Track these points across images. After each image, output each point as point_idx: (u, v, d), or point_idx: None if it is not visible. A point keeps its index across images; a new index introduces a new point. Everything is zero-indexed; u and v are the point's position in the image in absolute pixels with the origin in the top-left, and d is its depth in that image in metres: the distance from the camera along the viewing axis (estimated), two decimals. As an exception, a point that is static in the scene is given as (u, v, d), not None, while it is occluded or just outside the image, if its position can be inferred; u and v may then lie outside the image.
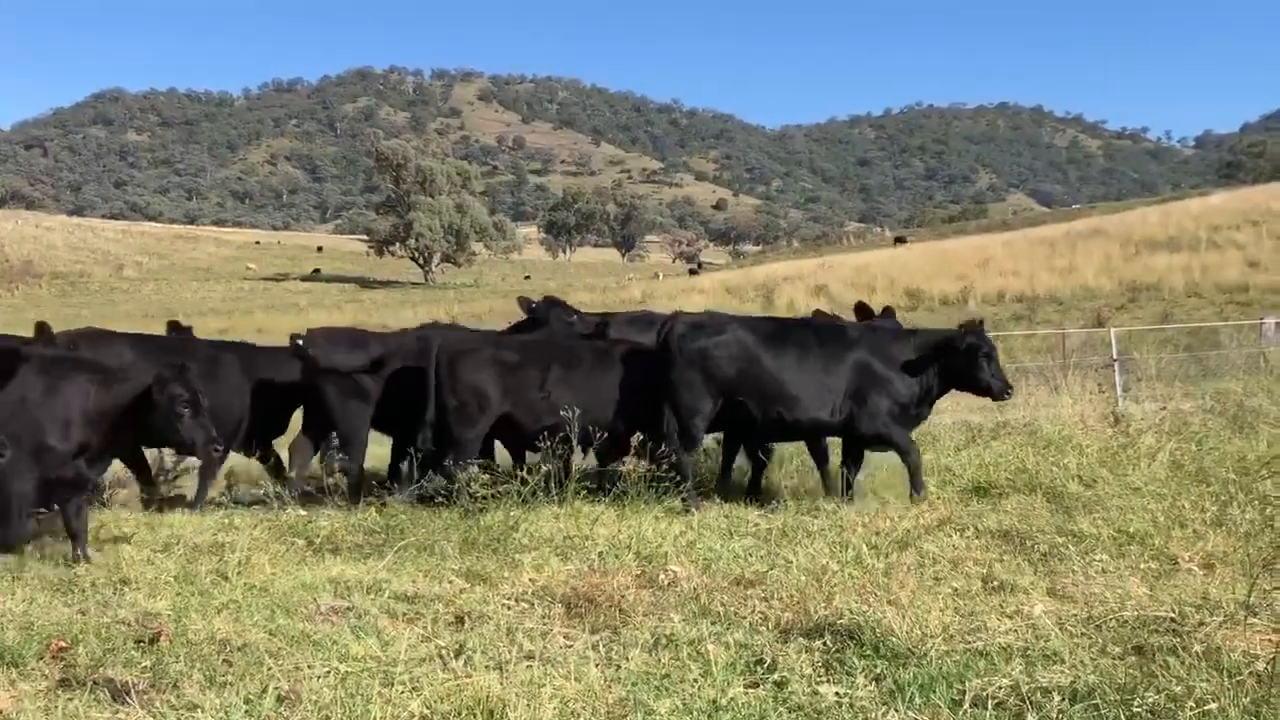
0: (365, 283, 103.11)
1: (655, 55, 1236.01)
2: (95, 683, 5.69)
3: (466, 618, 6.93)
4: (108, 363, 9.78)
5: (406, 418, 11.39)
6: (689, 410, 10.87)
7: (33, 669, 6.08)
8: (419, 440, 10.98)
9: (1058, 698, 5.05)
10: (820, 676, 5.66)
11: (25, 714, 5.21)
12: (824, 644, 6.11)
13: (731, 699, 5.18)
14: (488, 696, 5.06)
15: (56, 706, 5.40)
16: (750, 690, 5.42)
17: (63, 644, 6.36)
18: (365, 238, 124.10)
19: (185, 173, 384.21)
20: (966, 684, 5.31)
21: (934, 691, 5.30)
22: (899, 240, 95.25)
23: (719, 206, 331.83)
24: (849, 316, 12.37)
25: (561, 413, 10.46)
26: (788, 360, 10.90)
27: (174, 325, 12.95)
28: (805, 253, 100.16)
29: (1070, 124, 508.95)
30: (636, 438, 11.25)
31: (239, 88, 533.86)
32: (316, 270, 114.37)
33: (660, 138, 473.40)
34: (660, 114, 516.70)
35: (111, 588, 7.88)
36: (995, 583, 7.49)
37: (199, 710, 5.20)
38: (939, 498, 10.50)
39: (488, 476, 9.92)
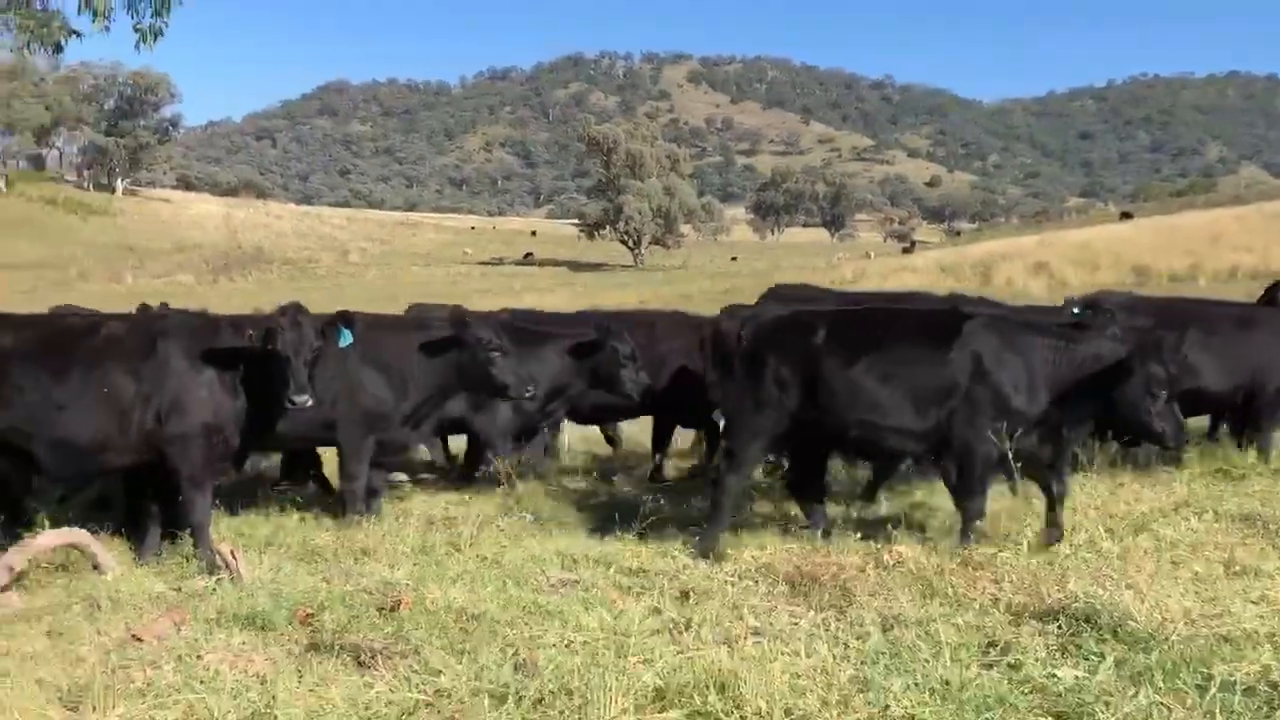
0: (576, 266, 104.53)
1: (867, 32, 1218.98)
2: (341, 648, 5.92)
3: (692, 593, 6.99)
4: None
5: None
6: None
7: (282, 634, 6.38)
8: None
9: (1311, 686, 4.82)
10: (1056, 659, 5.53)
11: (280, 676, 5.46)
12: (1058, 627, 5.98)
13: (966, 679, 5.10)
14: (719, 670, 5.09)
15: (307, 669, 5.64)
16: (984, 671, 5.33)
17: (309, 610, 6.66)
18: (576, 222, 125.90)
19: (405, 161, 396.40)
20: (1212, 669, 5.12)
21: (1178, 676, 5.12)
22: (1124, 215, 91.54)
23: (933, 184, 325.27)
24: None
25: None
26: None
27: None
28: (1024, 230, 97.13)
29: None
30: None
31: (456, 77, 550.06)
32: (529, 254, 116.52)
33: (872, 115, 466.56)
34: (872, 90, 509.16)
35: (352, 557, 8.23)
36: (1238, 567, 7.20)
37: (440, 676, 5.37)
38: (1176, 480, 10.10)
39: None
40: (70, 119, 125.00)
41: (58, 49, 14.13)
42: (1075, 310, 11.03)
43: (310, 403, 8.43)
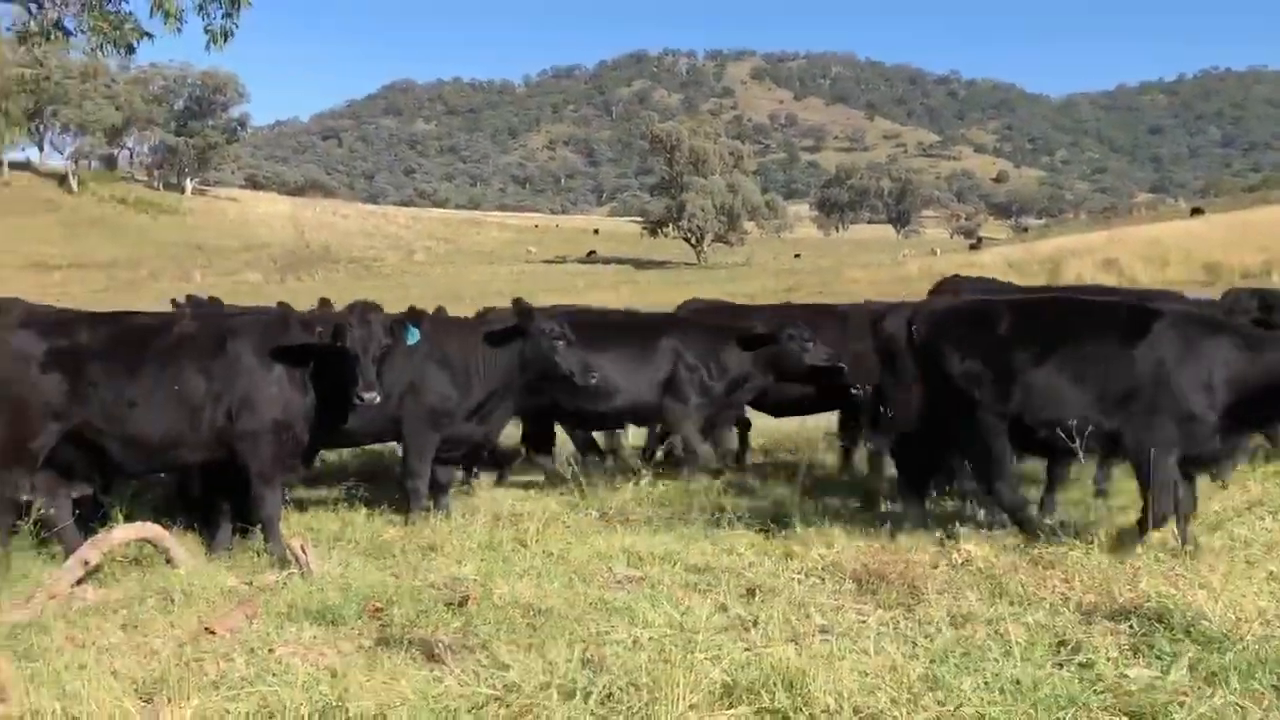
0: (639, 263, 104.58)
1: (932, 26, 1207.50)
2: (410, 642, 5.97)
3: (758, 590, 6.97)
4: None
5: None
6: None
7: (352, 628, 6.45)
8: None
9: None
10: (1128, 659, 5.46)
11: (350, 670, 5.51)
12: (1130, 627, 5.90)
13: (1038, 678, 5.04)
14: (787, 667, 5.08)
15: (377, 663, 5.69)
16: (1055, 671, 5.27)
17: (379, 605, 6.72)
18: (639, 219, 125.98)
19: (470, 159, 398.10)
20: (1290, 670, 5.04)
21: (1253, 677, 5.04)
22: (1195, 211, 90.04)
23: (999, 179, 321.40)
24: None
25: None
26: None
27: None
28: (1093, 225, 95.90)
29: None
30: None
31: (520, 75, 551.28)
32: (593, 252, 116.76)
33: (937, 110, 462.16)
34: (937, 86, 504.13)
35: (420, 553, 8.30)
36: (1314, 568, 7.06)
37: (509, 670, 5.40)
38: (1249, 479, 9.93)
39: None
40: (141, 119, 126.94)
41: (130, 50, 14.40)
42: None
43: (378, 399, 8.52)
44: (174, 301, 12.21)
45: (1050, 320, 8.49)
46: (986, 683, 5.10)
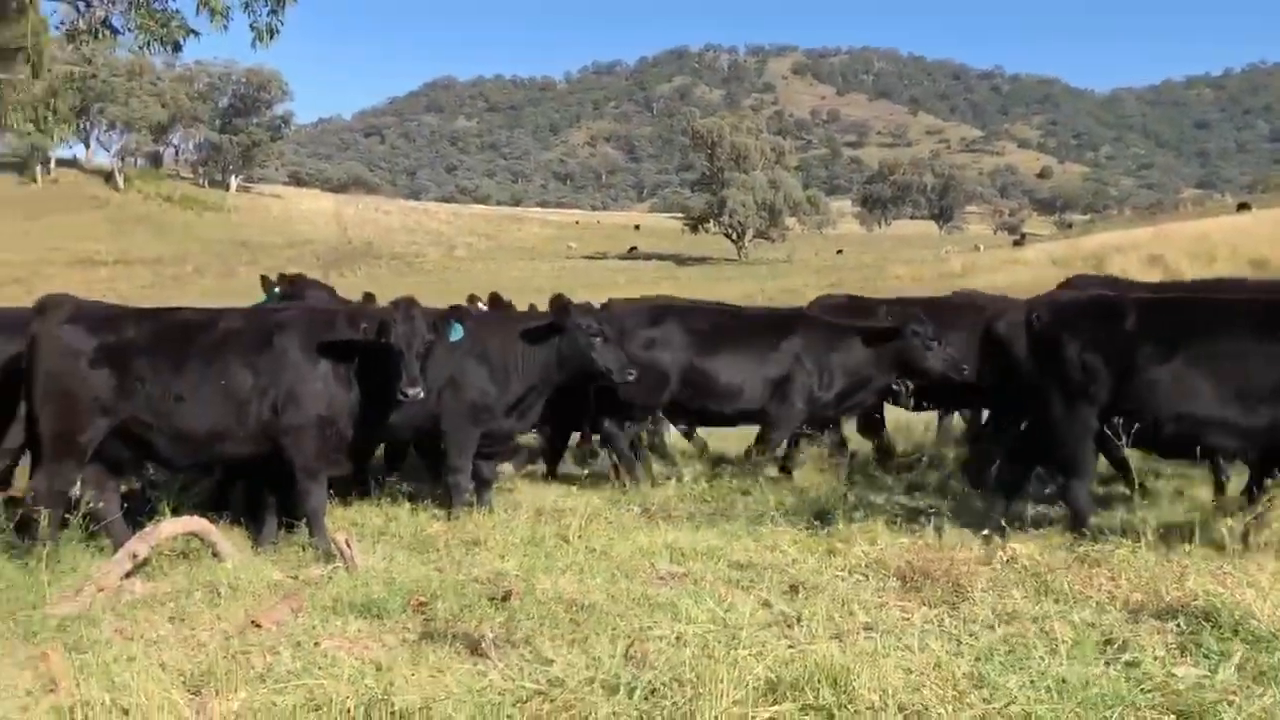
0: (680, 260, 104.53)
1: (976, 21, 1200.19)
2: (454, 636, 5.99)
3: (801, 587, 6.96)
4: None
5: None
6: None
7: (397, 621, 6.48)
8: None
9: None
10: (1175, 658, 5.41)
11: (396, 663, 5.54)
12: (1178, 625, 5.85)
13: (1085, 677, 5.00)
14: (831, 664, 5.06)
15: (421, 657, 5.71)
16: (1102, 669, 5.22)
17: (422, 599, 6.76)
18: (680, 215, 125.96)
19: (510, 156, 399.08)
20: (1343, 671, 4.98)
21: (1303, 676, 4.98)
22: (1242, 206, 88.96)
23: (1043, 175, 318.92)
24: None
25: None
26: None
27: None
28: (1138, 221, 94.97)
29: None
30: None
31: (560, 72, 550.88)
32: (633, 248, 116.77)
33: (980, 105, 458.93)
34: (981, 81, 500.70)
35: (463, 548, 8.33)
36: (1365, 565, 6.96)
37: (552, 665, 5.41)
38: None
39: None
40: (186, 116, 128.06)
41: (176, 48, 14.52)
42: None
43: (422, 395, 8.56)
44: (265, 279, 12.04)
45: (1187, 317, 8.32)
46: (1032, 681, 5.06)
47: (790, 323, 12.05)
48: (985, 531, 8.06)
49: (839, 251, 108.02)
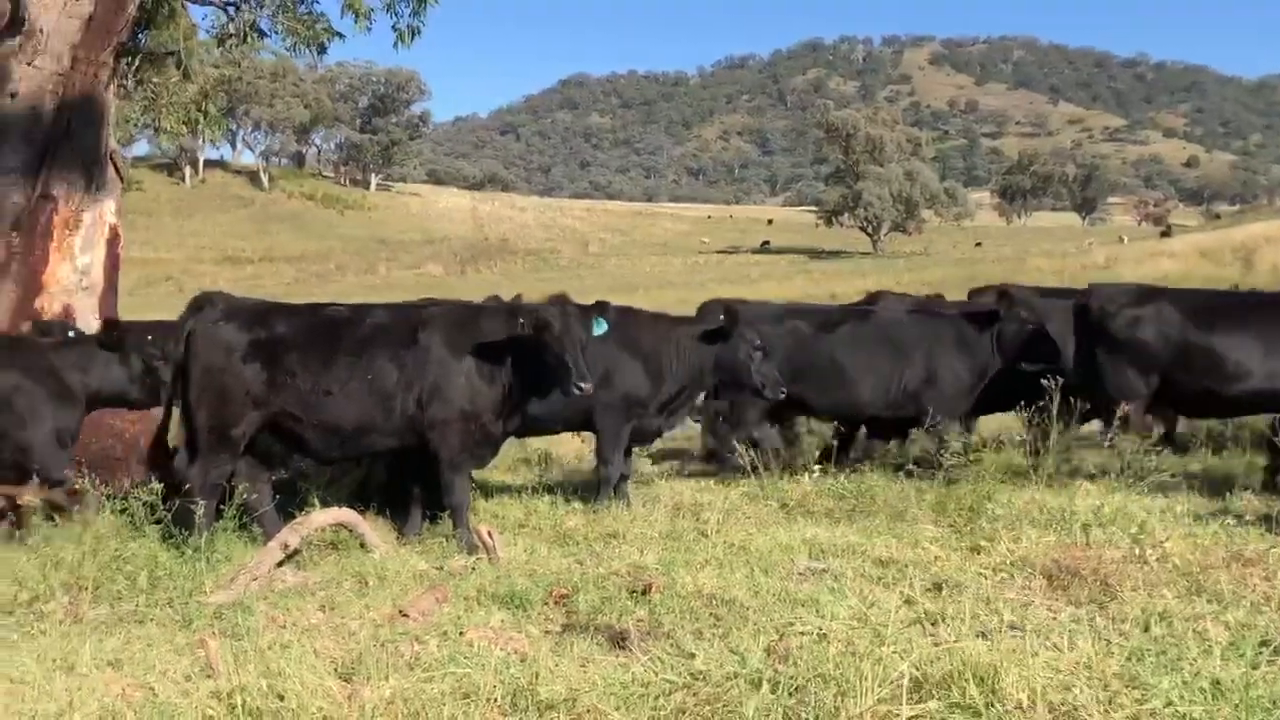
0: (814, 253, 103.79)
1: (1118, 7, 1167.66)
2: (596, 628, 6.02)
3: (944, 585, 6.85)
4: None
5: None
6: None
7: (539, 613, 6.54)
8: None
9: None
10: (1337, 663, 5.20)
11: (539, 655, 5.59)
12: (1338, 628, 5.62)
13: (1241, 679, 4.84)
14: (978, 662, 4.98)
15: (564, 649, 5.75)
16: (1258, 671, 5.05)
17: (564, 591, 6.81)
18: (814, 209, 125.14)
19: (644, 152, 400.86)
20: None
21: None
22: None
23: (1190, 164, 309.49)
24: None
25: None
26: None
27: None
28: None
29: None
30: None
31: (694, 66, 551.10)
32: (766, 242, 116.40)
33: (1124, 93, 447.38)
34: (1124, 69, 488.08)
35: (602, 541, 8.39)
36: None
37: (695, 659, 5.41)
38: None
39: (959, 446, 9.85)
40: (328, 117, 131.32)
41: (322, 50, 14.82)
42: None
43: (591, 389, 8.60)
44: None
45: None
46: (1186, 682, 4.91)
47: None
48: (1134, 529, 7.85)
49: (978, 244, 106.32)
